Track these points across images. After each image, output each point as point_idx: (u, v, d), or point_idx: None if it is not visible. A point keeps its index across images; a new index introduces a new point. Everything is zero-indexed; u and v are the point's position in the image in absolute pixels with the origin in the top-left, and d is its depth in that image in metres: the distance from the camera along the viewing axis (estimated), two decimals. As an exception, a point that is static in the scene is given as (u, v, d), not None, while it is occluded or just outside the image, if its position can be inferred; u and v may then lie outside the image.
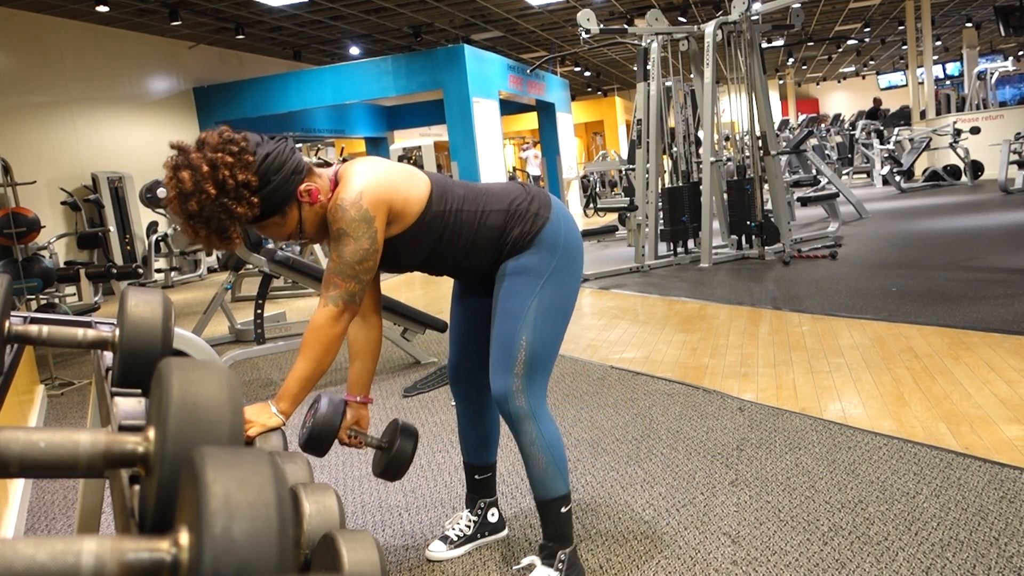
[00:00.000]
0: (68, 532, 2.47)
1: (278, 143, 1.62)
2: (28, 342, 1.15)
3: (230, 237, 1.55)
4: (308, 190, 1.64)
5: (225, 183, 1.49)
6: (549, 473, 1.79)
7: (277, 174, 1.58)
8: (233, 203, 1.51)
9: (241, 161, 1.52)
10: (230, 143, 1.52)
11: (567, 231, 1.82)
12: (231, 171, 1.50)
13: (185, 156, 1.52)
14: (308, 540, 0.96)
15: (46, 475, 0.66)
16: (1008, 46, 20.65)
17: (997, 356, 3.29)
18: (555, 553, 1.82)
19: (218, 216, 1.51)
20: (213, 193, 1.49)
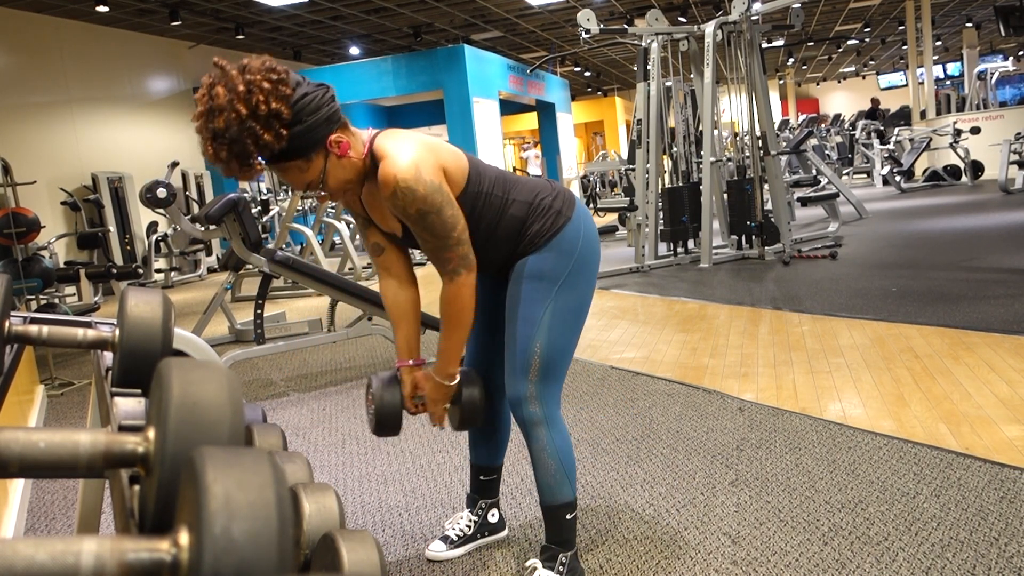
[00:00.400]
0: (68, 532, 2.47)
1: (319, 87, 1.58)
2: (28, 342, 1.15)
3: (251, 165, 1.51)
4: (339, 141, 1.60)
5: (258, 107, 1.45)
6: (557, 480, 1.79)
7: (311, 115, 1.53)
8: (261, 129, 1.46)
9: (278, 91, 1.47)
10: (271, 71, 1.48)
11: (586, 233, 1.80)
12: (266, 97, 1.45)
13: (223, 73, 1.48)
14: (308, 540, 0.96)
15: (46, 475, 0.66)
16: (1008, 46, 20.65)
17: (997, 356, 3.29)
18: (556, 556, 1.82)
19: (243, 139, 1.46)
20: (244, 113, 1.44)
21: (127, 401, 0.97)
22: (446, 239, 1.64)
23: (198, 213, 8.18)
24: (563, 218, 1.77)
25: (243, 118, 1.44)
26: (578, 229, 1.79)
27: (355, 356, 4.69)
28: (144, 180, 9.46)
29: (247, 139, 1.46)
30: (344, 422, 3.38)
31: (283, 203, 10.49)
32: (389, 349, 4.69)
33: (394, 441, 3.04)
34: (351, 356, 4.70)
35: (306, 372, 4.43)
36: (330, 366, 4.51)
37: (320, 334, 4.43)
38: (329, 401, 3.75)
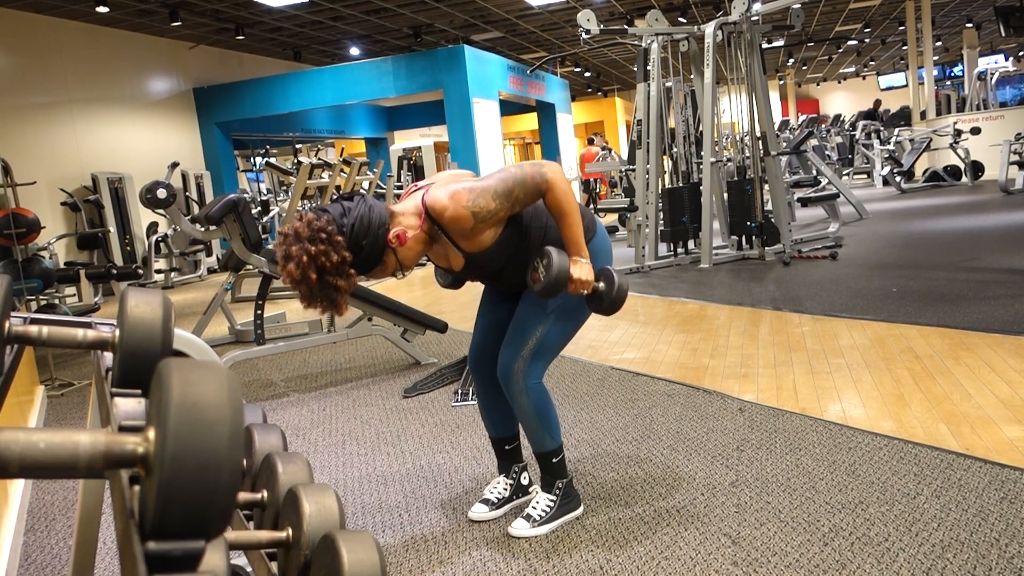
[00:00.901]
0: (68, 532, 2.47)
1: (357, 205, 1.84)
2: (28, 343, 1.15)
3: (338, 303, 1.82)
4: (397, 235, 1.89)
5: (324, 267, 1.76)
6: (540, 434, 2.15)
7: (365, 238, 1.83)
8: (335, 279, 1.78)
9: (333, 244, 1.76)
10: (319, 232, 1.76)
11: (605, 250, 2.15)
12: (327, 256, 1.75)
13: (287, 249, 1.77)
14: (308, 540, 0.96)
15: (46, 476, 0.66)
16: (1008, 46, 20.66)
17: (997, 357, 3.29)
18: (553, 483, 2.19)
19: (328, 291, 1.79)
20: (315, 277, 1.76)
21: (127, 401, 0.97)
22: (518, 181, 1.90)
23: (198, 214, 8.18)
24: (590, 232, 2.09)
25: (318, 280, 1.76)
26: (600, 244, 2.13)
27: (355, 357, 4.69)
28: (144, 181, 9.45)
29: (330, 290, 1.79)
30: (344, 423, 3.38)
31: (283, 203, 10.50)
32: (389, 349, 4.69)
33: (394, 442, 3.04)
34: (351, 357, 4.70)
35: (306, 373, 4.43)
36: (330, 367, 4.51)
37: (320, 335, 4.43)
38: (329, 402, 3.75)
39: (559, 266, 1.92)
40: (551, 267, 1.92)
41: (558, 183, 1.93)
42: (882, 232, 7.91)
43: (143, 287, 1.12)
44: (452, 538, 2.18)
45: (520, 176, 1.91)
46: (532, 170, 1.93)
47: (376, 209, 1.86)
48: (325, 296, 1.79)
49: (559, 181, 1.93)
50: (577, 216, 1.97)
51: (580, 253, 1.98)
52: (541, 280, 1.94)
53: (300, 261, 1.74)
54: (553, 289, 1.94)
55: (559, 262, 1.92)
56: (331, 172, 8.19)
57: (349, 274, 1.79)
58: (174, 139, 11.52)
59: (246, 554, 1.23)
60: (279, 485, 1.12)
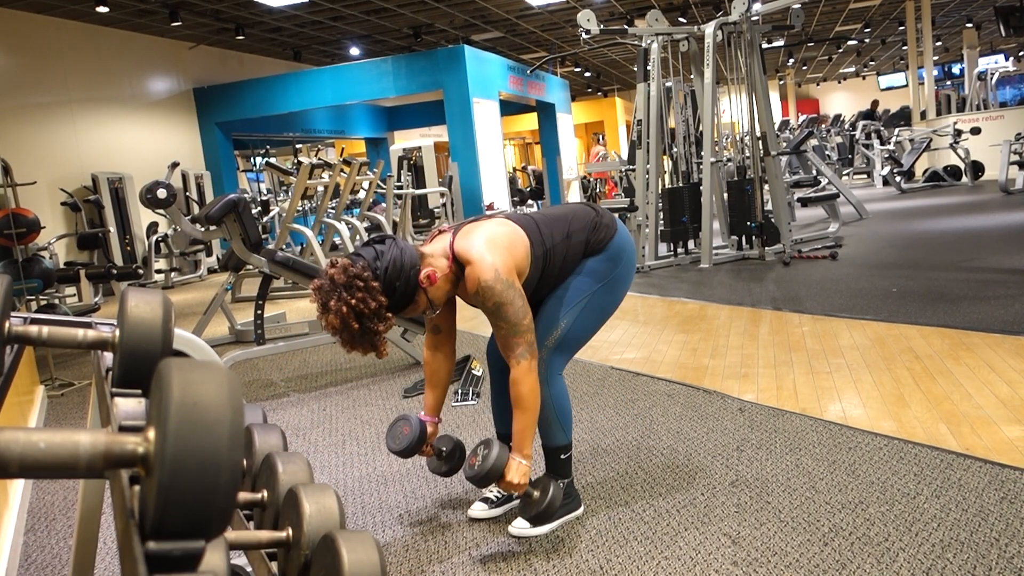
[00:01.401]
0: (68, 532, 2.47)
1: (389, 248, 1.91)
2: (28, 343, 1.15)
3: (378, 345, 1.90)
4: (427, 276, 1.95)
5: (363, 313, 1.83)
6: (554, 427, 2.16)
7: (399, 279, 1.90)
8: (374, 323, 1.85)
9: (370, 291, 1.83)
10: (356, 279, 1.83)
11: (629, 246, 2.21)
12: (365, 304, 1.82)
13: (325, 299, 1.83)
14: (308, 540, 0.96)
15: (46, 476, 0.66)
16: (1008, 46, 20.66)
17: (997, 357, 3.29)
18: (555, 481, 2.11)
19: (369, 336, 1.87)
20: (357, 326, 1.84)
21: (127, 401, 0.97)
22: (517, 326, 1.98)
23: (198, 214, 8.18)
24: (612, 230, 2.18)
25: (361, 326, 1.84)
26: (623, 240, 2.20)
27: (355, 357, 4.69)
28: (144, 180, 9.45)
29: (371, 335, 1.86)
30: (344, 423, 3.38)
31: (283, 203, 10.50)
32: (389, 349, 4.68)
33: (394, 441, 3.04)
34: (351, 357, 4.70)
35: (306, 373, 4.43)
36: (330, 367, 4.51)
37: (320, 334, 4.43)
38: (329, 402, 3.75)
39: (495, 463, 1.96)
40: (487, 460, 1.96)
41: (528, 377, 1.99)
42: (882, 232, 7.91)
43: (143, 287, 1.13)
44: (452, 537, 2.18)
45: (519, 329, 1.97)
46: (527, 343, 1.99)
47: (407, 252, 1.93)
48: (366, 341, 1.87)
49: (530, 376, 1.99)
50: (533, 416, 2.02)
51: (522, 452, 2.02)
52: (475, 468, 1.98)
53: (340, 311, 1.81)
54: (482, 482, 1.98)
55: (496, 459, 1.96)
56: (331, 172, 8.18)
57: (387, 317, 1.87)
58: (174, 139, 11.52)
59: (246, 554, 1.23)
60: (279, 485, 1.12)
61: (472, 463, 2.00)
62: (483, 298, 1.96)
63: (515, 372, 2.00)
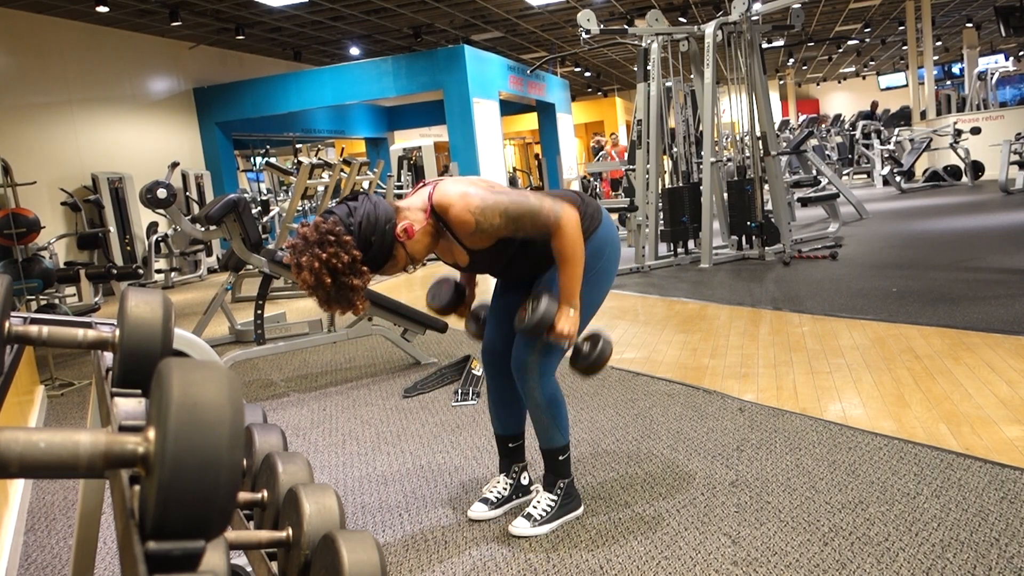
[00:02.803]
0: (68, 532, 2.47)
1: (362, 203, 1.86)
2: (28, 343, 1.15)
3: (354, 302, 1.85)
4: (404, 229, 1.90)
5: (337, 269, 1.78)
6: (550, 430, 2.16)
7: (374, 234, 1.84)
8: (349, 279, 1.80)
9: (342, 245, 1.78)
10: (327, 235, 1.78)
11: (612, 238, 2.16)
12: (338, 258, 1.77)
13: (298, 257, 1.80)
14: (308, 540, 0.96)
15: (46, 475, 0.66)
16: (1008, 46, 20.65)
17: (997, 357, 3.29)
18: (555, 482, 2.19)
19: (344, 292, 1.81)
20: (330, 280, 1.78)
21: (127, 401, 0.97)
22: (532, 211, 1.92)
23: (198, 213, 8.18)
24: (596, 221, 2.11)
25: (335, 281, 1.79)
26: (607, 232, 2.13)
27: (355, 357, 4.69)
28: (144, 180, 9.46)
29: (347, 290, 1.81)
30: (344, 422, 3.38)
31: (283, 203, 10.50)
32: (389, 349, 4.69)
33: (394, 441, 3.04)
34: (351, 357, 4.70)
35: (306, 372, 4.43)
36: (330, 367, 4.51)
37: (320, 334, 4.43)
38: (329, 402, 3.75)
39: (546, 312, 1.96)
40: (537, 311, 1.96)
41: (569, 232, 1.94)
42: (882, 232, 7.91)
43: (143, 287, 1.13)
44: (452, 537, 2.18)
45: (535, 208, 1.92)
46: (549, 208, 1.93)
47: (381, 205, 1.88)
48: (342, 297, 1.82)
49: (571, 230, 1.94)
50: (578, 267, 1.98)
51: (571, 303, 2.01)
52: (525, 320, 1.98)
53: (313, 267, 1.77)
54: (534, 332, 1.99)
55: (546, 308, 1.96)
56: (331, 172, 8.18)
57: (363, 271, 1.82)
58: (174, 139, 11.52)
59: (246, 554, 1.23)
60: (279, 485, 1.12)
61: (522, 315, 1.99)
62: (487, 218, 1.89)
63: (557, 237, 1.94)
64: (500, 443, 2.35)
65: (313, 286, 1.79)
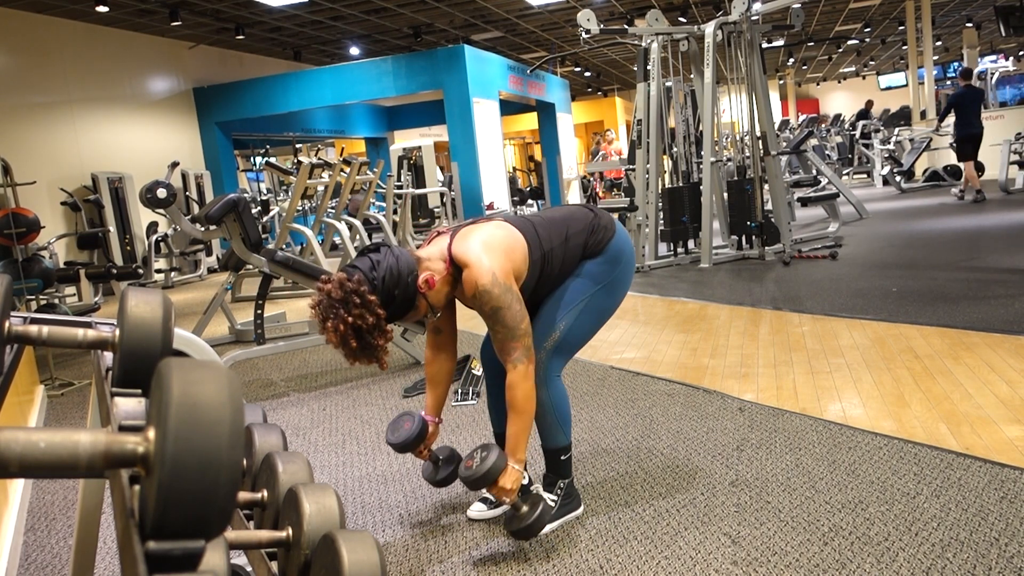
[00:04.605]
0: (68, 532, 2.47)
1: (385, 257, 1.90)
2: (28, 342, 1.15)
3: (380, 358, 1.90)
4: (426, 280, 1.96)
5: (362, 329, 1.83)
6: (553, 429, 2.16)
7: (397, 287, 1.90)
8: (373, 338, 1.85)
9: (367, 306, 1.82)
10: (353, 294, 1.82)
11: (627, 247, 2.20)
12: (363, 319, 1.82)
13: (324, 318, 1.84)
14: (308, 540, 0.96)
15: (46, 475, 0.66)
16: (1008, 46, 20.65)
17: (997, 356, 3.29)
18: (555, 482, 2.20)
19: (371, 349, 1.87)
20: (356, 343, 1.85)
21: (127, 401, 0.97)
22: (514, 331, 1.97)
23: (198, 213, 8.18)
24: (610, 232, 2.17)
25: (360, 342, 1.84)
26: (622, 242, 2.18)
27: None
28: (144, 180, 9.45)
29: (373, 348, 1.87)
30: (344, 422, 3.38)
31: (283, 203, 10.50)
32: (389, 349, 4.68)
33: (394, 441, 3.04)
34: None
35: (306, 372, 4.43)
36: (330, 366, 4.51)
37: (320, 334, 4.42)
38: (329, 401, 3.75)
39: (492, 468, 1.94)
40: (484, 462, 1.95)
41: (524, 381, 1.98)
42: (882, 232, 7.90)
43: (143, 287, 1.12)
44: (452, 537, 2.18)
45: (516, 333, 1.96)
46: (524, 347, 1.98)
47: (403, 258, 1.93)
48: (367, 355, 1.88)
49: (526, 380, 1.98)
50: (526, 421, 2.01)
51: (515, 456, 2.01)
52: (471, 469, 1.97)
53: (339, 329, 1.82)
54: (475, 484, 1.97)
55: (493, 464, 1.95)
56: (331, 172, 8.18)
57: (387, 331, 1.87)
58: (174, 139, 11.52)
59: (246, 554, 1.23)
60: (279, 485, 1.12)
61: (468, 464, 1.99)
62: (481, 302, 1.95)
63: (511, 376, 1.99)
64: (499, 442, 2.34)
65: (339, 346, 1.85)
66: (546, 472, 2.23)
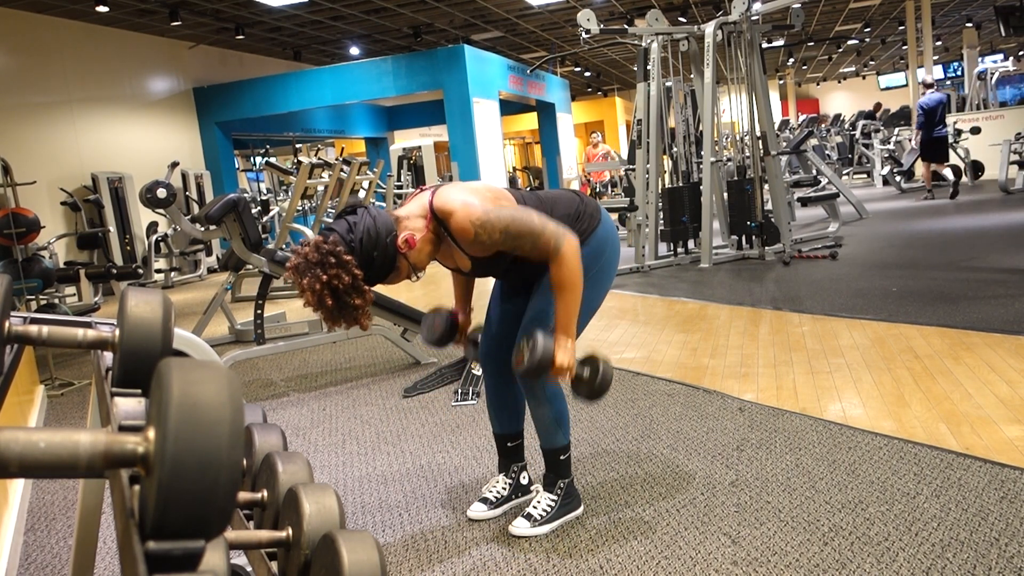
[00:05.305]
0: (68, 532, 2.47)
1: (362, 217, 1.85)
2: (28, 342, 1.15)
3: (359, 319, 1.85)
4: (405, 240, 1.90)
5: (338, 289, 1.78)
6: (551, 429, 2.15)
7: (375, 248, 1.84)
8: (352, 298, 1.80)
9: (343, 265, 1.78)
10: (328, 256, 1.78)
11: (612, 238, 2.15)
12: (339, 279, 1.77)
13: (300, 279, 1.79)
14: (308, 540, 0.96)
15: (46, 475, 0.66)
16: (1008, 46, 20.65)
17: (997, 356, 3.29)
18: (555, 482, 2.19)
19: (348, 310, 1.81)
20: (332, 301, 1.79)
21: (127, 401, 0.97)
22: (533, 233, 1.90)
23: (198, 213, 8.18)
24: (596, 220, 2.11)
25: (337, 302, 1.79)
26: (607, 231, 2.13)
27: (355, 356, 4.69)
28: (144, 180, 9.45)
29: (350, 309, 1.82)
30: (344, 422, 3.38)
31: (283, 203, 10.50)
32: (389, 349, 4.69)
33: (394, 441, 3.04)
34: (351, 356, 4.70)
35: (306, 372, 4.43)
36: (330, 366, 4.51)
37: (320, 334, 4.43)
38: (329, 401, 3.75)
39: (544, 350, 1.91)
40: (535, 350, 1.92)
41: (568, 260, 1.92)
42: (882, 232, 7.91)
43: (143, 287, 1.12)
44: (452, 537, 2.18)
45: (537, 230, 1.90)
46: (552, 233, 1.91)
47: (381, 218, 1.87)
48: (346, 315, 1.83)
49: (570, 259, 1.92)
50: (576, 297, 1.95)
51: (567, 334, 1.97)
52: (524, 363, 1.94)
53: (315, 288, 1.77)
54: (535, 373, 1.94)
55: (544, 346, 1.91)
56: (331, 172, 8.18)
57: (364, 290, 1.83)
58: (174, 139, 11.52)
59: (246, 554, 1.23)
60: (279, 485, 1.12)
61: (519, 360, 1.95)
62: (487, 232, 1.88)
63: (556, 262, 1.92)
64: (499, 442, 2.35)
65: (316, 306, 1.80)
66: (546, 472, 2.22)
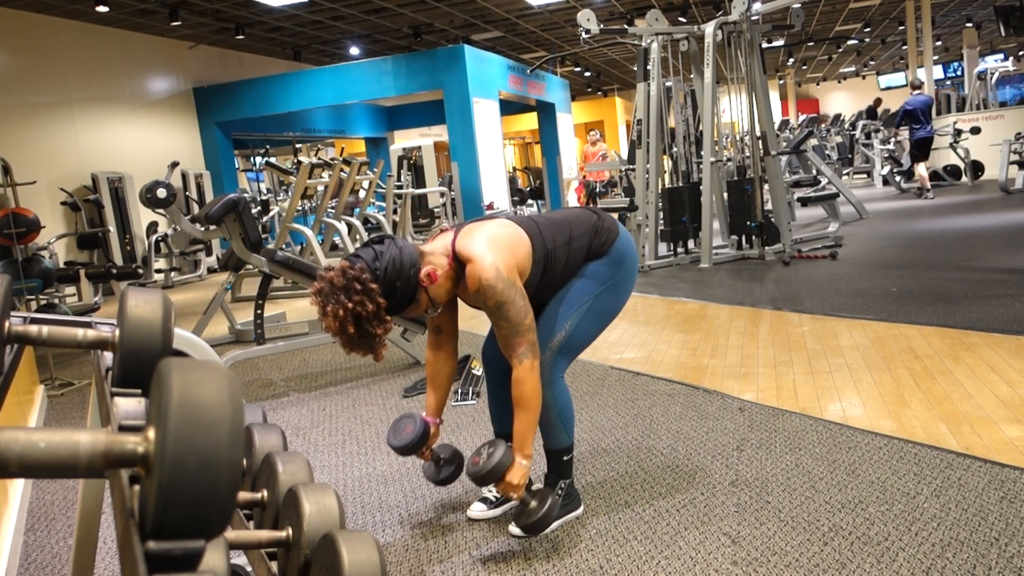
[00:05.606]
0: (68, 532, 2.47)
1: (388, 248, 1.90)
2: (28, 342, 1.15)
3: (376, 349, 1.89)
4: (428, 274, 1.95)
5: (360, 316, 1.82)
6: (556, 429, 2.16)
7: (399, 279, 1.89)
8: (372, 327, 1.84)
9: (368, 293, 1.82)
10: (354, 282, 1.82)
11: (631, 249, 2.22)
12: (363, 307, 1.81)
13: (324, 304, 1.83)
14: (308, 540, 0.96)
15: (46, 475, 0.66)
16: (1008, 46, 20.65)
17: (997, 356, 3.29)
18: (556, 482, 2.19)
19: (368, 339, 1.86)
20: (354, 329, 1.83)
21: (127, 401, 0.97)
22: (519, 326, 1.97)
23: (198, 213, 8.18)
24: (613, 234, 2.18)
25: (359, 329, 1.83)
26: (626, 244, 2.20)
27: (355, 356, 4.68)
28: (144, 180, 9.45)
29: (369, 338, 1.85)
30: (344, 422, 3.38)
31: (283, 203, 10.50)
32: (389, 349, 4.68)
33: (394, 441, 3.04)
34: (351, 356, 4.69)
35: (306, 372, 4.43)
36: (330, 366, 4.51)
37: (320, 334, 4.43)
38: (329, 401, 3.75)
39: (498, 465, 1.95)
40: (491, 459, 1.96)
41: (528, 376, 1.98)
42: (882, 232, 7.91)
43: (143, 287, 1.12)
44: (452, 537, 2.18)
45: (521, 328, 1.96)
46: (529, 342, 1.97)
47: (407, 250, 1.93)
48: (364, 344, 1.87)
49: (530, 375, 1.98)
50: (533, 418, 2.01)
51: (522, 452, 2.00)
52: (478, 466, 1.97)
53: (338, 315, 1.80)
54: (483, 480, 1.97)
55: (500, 461, 1.95)
56: (331, 172, 8.18)
57: (386, 320, 1.86)
58: (174, 139, 11.52)
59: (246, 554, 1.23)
60: (279, 485, 1.12)
61: (475, 461, 1.99)
62: (484, 297, 1.95)
63: (517, 372, 1.99)
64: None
65: (337, 332, 1.83)
66: (547, 472, 2.23)
